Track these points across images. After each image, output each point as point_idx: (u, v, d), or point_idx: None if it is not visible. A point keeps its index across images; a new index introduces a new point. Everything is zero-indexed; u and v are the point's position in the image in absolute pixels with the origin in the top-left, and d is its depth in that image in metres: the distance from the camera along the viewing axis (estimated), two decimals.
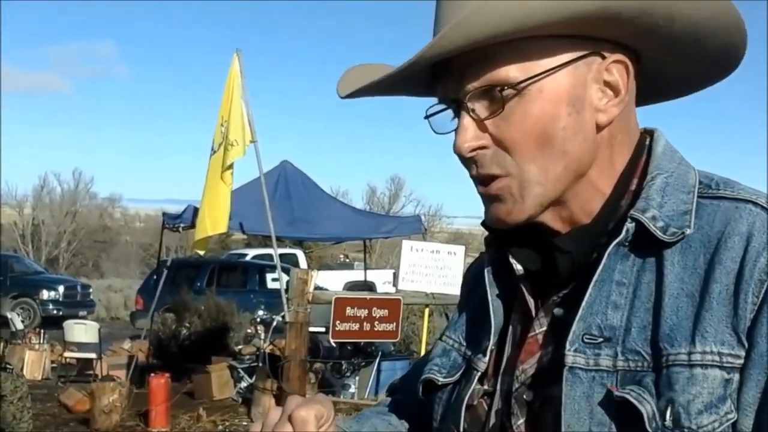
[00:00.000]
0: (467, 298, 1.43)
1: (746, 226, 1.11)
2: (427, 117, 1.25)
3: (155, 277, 16.44)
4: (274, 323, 11.55)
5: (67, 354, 13.69)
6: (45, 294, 23.45)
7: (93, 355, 13.17)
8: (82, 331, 13.52)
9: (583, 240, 1.20)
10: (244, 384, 11.25)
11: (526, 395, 1.21)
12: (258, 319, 13.03)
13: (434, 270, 10.46)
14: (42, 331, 14.78)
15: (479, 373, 1.28)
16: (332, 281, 21.31)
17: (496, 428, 1.24)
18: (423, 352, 10.73)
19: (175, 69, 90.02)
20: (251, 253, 25.40)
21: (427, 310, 10.94)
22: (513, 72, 1.16)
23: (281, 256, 12.13)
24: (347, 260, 33.49)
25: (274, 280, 18.80)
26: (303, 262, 22.58)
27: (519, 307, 1.28)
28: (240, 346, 12.98)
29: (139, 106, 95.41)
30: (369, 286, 19.32)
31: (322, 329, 11.07)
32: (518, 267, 1.26)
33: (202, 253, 10.05)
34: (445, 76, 1.21)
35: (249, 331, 13.51)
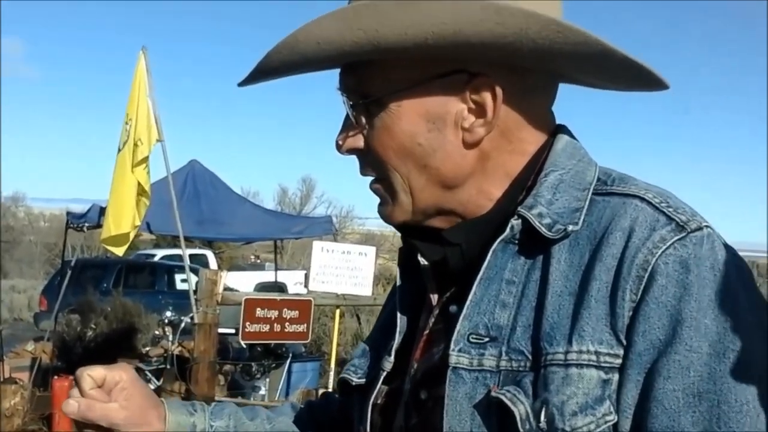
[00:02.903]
0: (390, 298, 1.43)
1: (629, 221, 1.09)
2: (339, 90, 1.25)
3: (59, 277, 16.06)
4: (182, 324, 11.40)
5: None
6: None
7: None
8: None
9: (471, 233, 1.19)
10: (151, 386, 11.03)
11: (422, 394, 1.20)
12: (166, 321, 12.82)
13: (345, 271, 10.42)
14: None
15: (385, 373, 1.28)
16: (243, 282, 21.13)
17: (399, 427, 1.23)
18: (334, 354, 10.71)
19: (82, 69, 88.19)
20: (160, 253, 25.05)
21: (338, 312, 10.90)
22: (375, 85, 1.17)
23: (191, 256, 11.99)
24: (258, 261, 33.29)
25: (183, 281, 18.55)
26: (213, 263, 22.40)
27: (427, 304, 1.28)
28: (147, 348, 12.77)
29: (44, 106, 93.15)
30: (280, 287, 19.21)
31: (232, 331, 10.94)
32: (424, 261, 1.25)
33: (120, 253, 9.82)
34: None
35: (157, 332, 13.29)
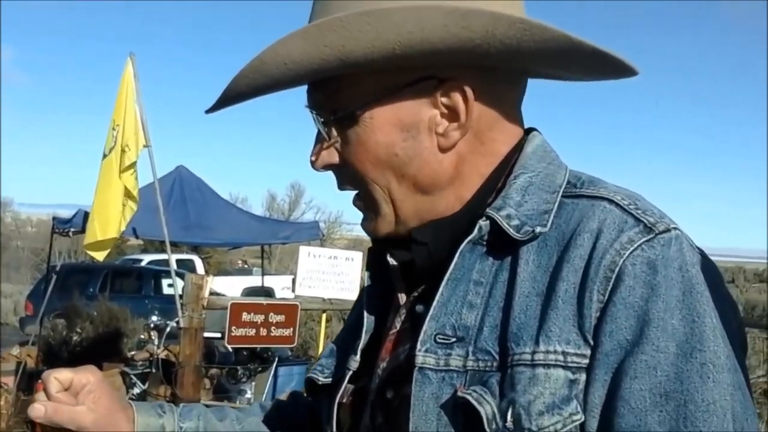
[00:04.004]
0: (359, 299, 1.42)
1: (597, 223, 1.09)
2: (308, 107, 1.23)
3: (45, 282, 16.03)
4: (168, 329, 11.40)
5: None
6: None
7: None
8: None
9: (439, 232, 1.18)
10: (136, 390, 11.04)
11: (388, 393, 1.20)
12: (152, 325, 12.81)
13: (332, 276, 10.45)
14: None
15: (351, 372, 1.28)
16: (231, 287, 21.09)
17: (365, 427, 1.23)
18: None
19: (69, 75, 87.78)
20: (147, 258, 24.97)
21: (324, 316, 10.93)
22: (345, 98, 1.16)
23: (178, 261, 11.99)
24: (246, 266, 33.23)
25: (169, 285, 18.53)
26: (200, 268, 22.36)
27: (395, 304, 1.28)
28: (133, 352, 12.75)
29: (32, 112, 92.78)
30: (267, 292, 19.24)
31: (218, 335, 10.95)
32: (393, 261, 1.24)
33: (100, 258, 9.83)
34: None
35: (142, 336, 13.27)
